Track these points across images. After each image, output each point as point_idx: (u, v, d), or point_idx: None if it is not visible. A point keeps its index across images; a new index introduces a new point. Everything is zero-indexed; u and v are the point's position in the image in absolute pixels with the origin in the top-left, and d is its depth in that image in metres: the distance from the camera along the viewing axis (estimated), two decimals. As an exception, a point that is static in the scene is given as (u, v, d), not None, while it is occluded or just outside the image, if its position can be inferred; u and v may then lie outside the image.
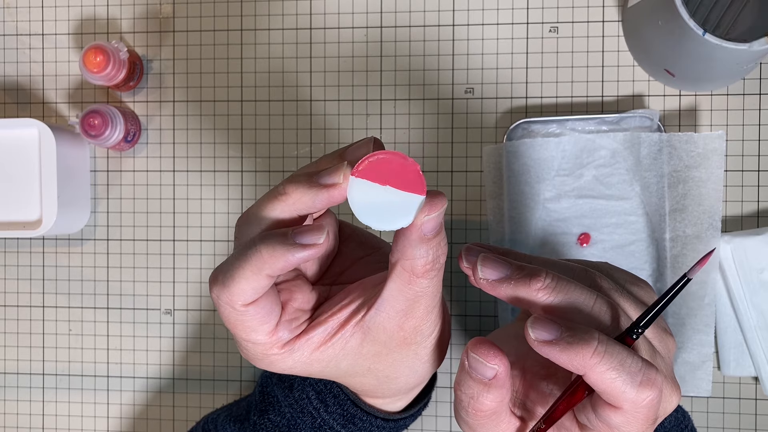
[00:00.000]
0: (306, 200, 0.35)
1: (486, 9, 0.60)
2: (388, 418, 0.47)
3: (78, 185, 0.62)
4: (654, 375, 0.34)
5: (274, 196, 0.36)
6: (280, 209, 0.36)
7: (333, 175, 0.35)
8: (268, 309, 0.37)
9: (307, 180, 0.36)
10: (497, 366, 0.36)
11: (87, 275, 0.64)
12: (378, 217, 0.35)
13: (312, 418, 0.48)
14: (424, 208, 0.35)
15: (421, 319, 0.39)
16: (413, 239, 0.35)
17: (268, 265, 0.35)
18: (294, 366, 0.39)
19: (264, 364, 0.39)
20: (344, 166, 0.35)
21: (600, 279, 0.38)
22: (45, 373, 0.65)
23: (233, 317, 0.37)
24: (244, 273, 0.35)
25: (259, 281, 0.35)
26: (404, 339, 0.39)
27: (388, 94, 0.61)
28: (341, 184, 0.35)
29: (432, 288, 0.37)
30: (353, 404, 0.46)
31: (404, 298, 0.37)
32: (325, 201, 0.35)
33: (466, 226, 0.60)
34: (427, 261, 0.36)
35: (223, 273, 0.36)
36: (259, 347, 0.38)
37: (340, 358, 0.40)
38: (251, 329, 0.37)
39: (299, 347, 0.39)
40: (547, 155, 0.57)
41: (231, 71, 0.62)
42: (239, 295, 0.36)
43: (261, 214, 0.37)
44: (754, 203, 0.58)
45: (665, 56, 0.54)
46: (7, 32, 0.65)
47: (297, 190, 0.36)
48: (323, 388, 0.47)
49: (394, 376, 0.42)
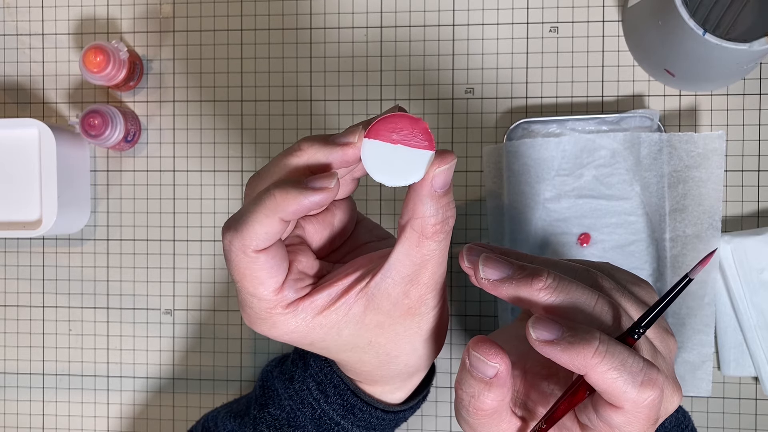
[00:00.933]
0: (320, 156, 0.37)
1: (486, 9, 0.60)
2: (387, 409, 0.48)
3: (78, 185, 0.62)
4: (655, 375, 0.34)
5: (289, 153, 0.37)
6: (295, 165, 0.37)
7: (348, 135, 0.37)
8: (278, 261, 0.38)
9: (323, 138, 0.37)
10: (498, 364, 0.36)
11: (87, 275, 0.64)
12: (390, 174, 0.36)
13: (312, 410, 0.48)
14: (435, 162, 0.36)
15: (426, 287, 0.39)
16: (423, 195, 0.36)
17: (281, 208, 0.36)
18: (295, 329, 0.40)
19: (267, 325, 0.40)
20: (360, 128, 0.36)
21: (601, 279, 0.38)
22: (45, 373, 0.65)
23: (243, 264, 0.37)
24: (258, 216, 0.36)
25: (272, 225, 0.36)
26: (408, 308, 0.39)
27: (388, 94, 0.61)
28: (356, 143, 0.36)
29: (439, 252, 0.38)
30: (353, 394, 0.46)
31: (411, 262, 0.38)
32: (339, 158, 0.37)
33: (466, 226, 0.60)
34: (437, 220, 0.37)
35: (236, 219, 0.37)
36: (264, 304, 0.39)
37: (342, 326, 0.40)
38: (259, 281, 0.38)
39: (303, 309, 0.39)
40: (547, 155, 0.57)
41: (231, 71, 0.62)
42: (252, 239, 0.36)
43: (273, 169, 0.38)
44: (754, 203, 0.58)
45: (665, 56, 0.54)
46: (7, 32, 0.65)
47: (312, 147, 0.37)
48: (324, 378, 0.47)
49: (395, 354, 0.42)
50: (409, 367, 0.44)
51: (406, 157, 0.36)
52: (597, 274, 0.39)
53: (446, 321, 0.43)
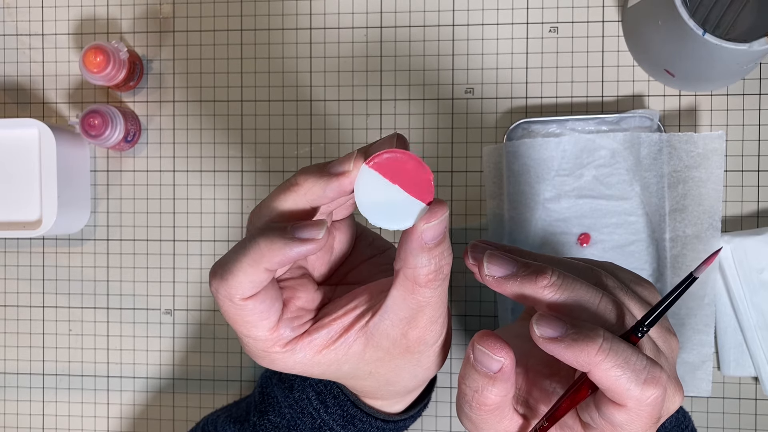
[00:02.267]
0: (316, 190, 0.36)
1: (486, 9, 0.60)
2: (387, 419, 0.47)
3: (78, 185, 0.62)
4: (659, 373, 0.34)
5: (286, 188, 0.37)
6: (293, 200, 0.36)
7: (343, 163, 0.36)
8: (268, 304, 0.37)
9: (318, 170, 0.36)
10: (503, 359, 0.36)
11: (87, 275, 0.64)
12: (379, 214, 0.35)
13: (312, 419, 0.48)
14: (425, 216, 0.35)
15: (424, 329, 0.38)
16: (414, 247, 0.35)
17: (266, 259, 0.35)
18: (295, 366, 0.39)
19: (266, 362, 0.39)
20: (354, 155, 0.35)
21: (605, 277, 0.38)
22: (45, 373, 0.65)
23: (232, 311, 0.37)
24: (242, 266, 0.35)
25: (257, 275, 0.35)
26: (407, 347, 0.39)
27: (388, 94, 0.61)
28: (350, 171, 0.35)
29: (436, 298, 0.37)
30: (353, 405, 0.46)
31: (407, 307, 0.37)
32: (336, 190, 0.36)
33: (466, 226, 0.60)
34: (429, 270, 0.36)
35: (221, 266, 0.36)
36: (260, 344, 0.38)
37: (341, 362, 0.39)
38: (251, 325, 0.37)
39: (301, 348, 0.39)
40: (547, 155, 0.57)
41: (231, 71, 0.62)
42: (237, 288, 0.36)
43: (273, 205, 0.37)
44: (754, 203, 0.58)
45: (665, 56, 0.54)
46: (7, 32, 0.65)
47: (308, 180, 0.36)
48: (323, 388, 0.47)
49: (394, 380, 0.42)
50: (409, 388, 0.44)
51: (399, 201, 0.35)
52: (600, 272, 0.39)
53: (448, 346, 0.42)
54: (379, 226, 0.35)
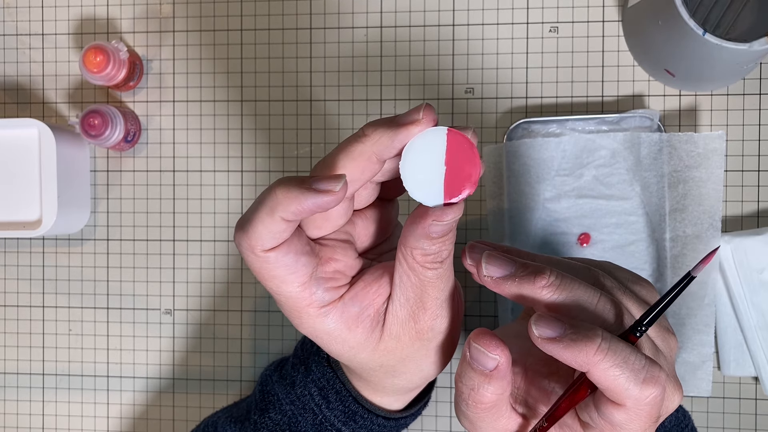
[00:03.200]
0: (385, 140, 0.35)
1: (486, 9, 0.60)
2: (389, 416, 0.47)
3: (78, 185, 0.62)
4: (657, 372, 0.34)
5: (355, 139, 0.36)
6: (359, 150, 0.36)
7: (413, 113, 0.35)
8: (293, 258, 0.36)
9: (388, 120, 0.36)
10: (499, 356, 0.36)
11: (87, 275, 0.64)
12: (411, 172, 0.35)
13: (313, 415, 0.48)
14: (435, 212, 0.35)
15: (433, 313, 0.39)
16: (418, 233, 0.36)
17: (282, 207, 0.34)
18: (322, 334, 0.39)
19: (296, 321, 0.39)
20: (424, 106, 0.35)
21: (603, 277, 0.38)
22: (45, 373, 0.65)
23: (256, 265, 0.36)
24: (260, 216, 0.35)
25: (275, 224, 0.35)
26: (418, 333, 0.39)
27: (388, 94, 0.61)
28: (420, 121, 0.35)
29: (437, 280, 0.37)
30: (355, 401, 0.46)
31: (411, 285, 0.37)
32: (403, 138, 0.35)
33: (466, 226, 0.60)
34: (426, 253, 0.36)
35: (243, 219, 0.36)
36: (293, 302, 0.38)
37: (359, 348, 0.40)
38: (279, 280, 0.37)
39: (333, 316, 0.38)
40: (547, 155, 0.57)
41: (231, 71, 0.62)
42: (257, 239, 0.35)
43: (337, 156, 0.36)
44: (754, 203, 0.58)
45: (665, 56, 0.54)
46: (7, 32, 0.65)
47: (377, 130, 0.35)
48: (326, 384, 0.47)
49: (401, 371, 0.42)
50: (412, 384, 0.44)
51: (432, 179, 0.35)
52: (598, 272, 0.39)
53: (454, 344, 0.43)
54: (405, 183, 0.35)
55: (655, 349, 0.37)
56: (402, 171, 0.35)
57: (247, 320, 0.62)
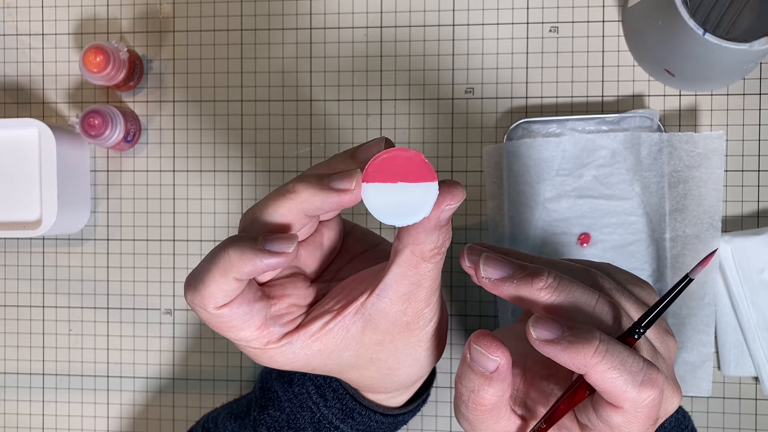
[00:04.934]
0: (315, 201, 0.35)
1: (486, 9, 0.60)
2: (387, 413, 0.47)
3: (78, 185, 0.62)
4: (655, 375, 0.34)
5: (282, 194, 0.36)
6: (287, 207, 0.36)
7: (345, 180, 0.35)
8: (246, 308, 0.37)
9: (319, 181, 0.35)
10: (499, 358, 0.36)
11: (87, 275, 0.64)
12: (396, 214, 0.35)
13: (311, 413, 0.48)
14: (445, 198, 0.35)
15: (423, 303, 0.39)
16: (429, 227, 0.36)
17: (235, 269, 0.34)
18: (294, 360, 0.39)
19: (264, 359, 0.39)
20: (357, 172, 0.35)
21: (602, 279, 0.38)
22: (45, 373, 0.65)
23: (210, 320, 0.37)
24: (213, 276, 0.35)
25: (227, 284, 0.35)
26: (407, 324, 0.39)
27: (388, 94, 0.61)
28: (353, 190, 0.35)
29: (435, 272, 0.38)
30: (352, 398, 0.46)
31: (408, 282, 0.37)
32: (335, 205, 0.35)
33: (466, 226, 0.60)
34: (436, 245, 0.36)
35: (194, 277, 0.36)
36: (253, 343, 0.38)
37: (341, 349, 0.39)
38: (236, 329, 0.37)
39: (297, 339, 0.38)
40: (547, 155, 0.57)
41: (231, 71, 0.62)
42: (209, 298, 0.35)
43: (265, 210, 0.36)
44: (754, 203, 0.58)
45: (665, 56, 0.54)
46: (7, 32, 0.65)
47: (307, 190, 0.35)
48: (323, 382, 0.47)
49: (396, 367, 0.42)
50: (411, 377, 0.44)
51: (410, 194, 0.35)
52: (597, 274, 0.39)
53: (445, 327, 0.43)
54: (403, 224, 0.35)
55: (654, 351, 0.37)
56: (387, 221, 0.35)
57: (247, 320, 0.62)
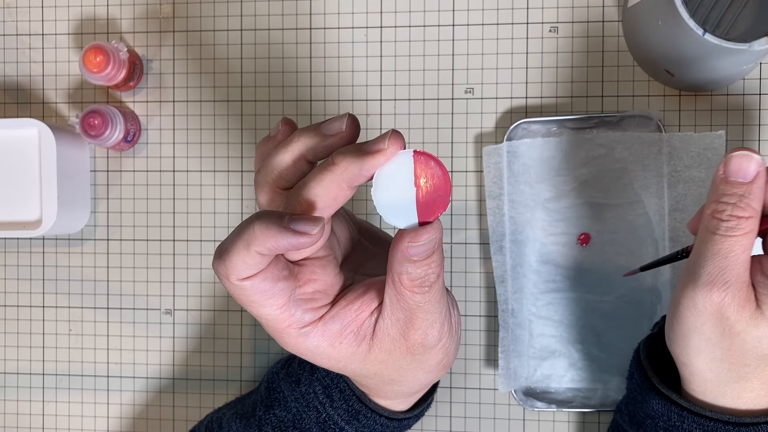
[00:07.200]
0: (353, 169, 0.36)
1: (486, 9, 0.60)
2: (392, 417, 0.48)
3: (78, 185, 0.62)
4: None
5: (324, 168, 0.36)
6: (329, 179, 0.36)
7: (378, 142, 0.36)
8: (269, 284, 0.37)
9: (356, 149, 0.36)
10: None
11: (87, 275, 0.64)
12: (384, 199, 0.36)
13: (317, 413, 0.48)
14: (410, 233, 0.35)
15: (423, 332, 0.39)
16: (398, 257, 0.36)
17: (258, 242, 0.35)
18: (306, 352, 0.40)
19: (280, 341, 0.40)
20: (390, 134, 0.36)
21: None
22: (45, 373, 0.65)
23: (233, 291, 0.37)
24: (237, 247, 0.35)
25: (250, 257, 0.35)
26: (408, 349, 0.40)
27: (388, 94, 0.61)
28: (386, 150, 0.36)
29: (426, 303, 0.38)
30: (358, 400, 0.47)
31: (401, 308, 0.38)
32: (372, 169, 0.36)
33: (466, 226, 0.60)
34: (412, 278, 0.36)
35: (221, 246, 0.37)
36: (273, 323, 0.38)
37: (348, 361, 0.40)
38: (257, 304, 0.37)
39: (315, 335, 0.39)
40: (547, 155, 0.57)
41: (231, 71, 0.62)
42: (232, 269, 0.36)
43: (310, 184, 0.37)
44: (754, 203, 0.58)
45: (665, 56, 0.54)
46: (7, 32, 0.65)
47: (345, 159, 0.36)
48: (330, 382, 0.48)
49: (399, 381, 0.42)
50: (411, 389, 0.45)
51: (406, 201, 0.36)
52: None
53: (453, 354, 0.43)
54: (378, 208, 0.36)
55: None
56: (374, 197, 0.36)
57: (247, 320, 0.62)
